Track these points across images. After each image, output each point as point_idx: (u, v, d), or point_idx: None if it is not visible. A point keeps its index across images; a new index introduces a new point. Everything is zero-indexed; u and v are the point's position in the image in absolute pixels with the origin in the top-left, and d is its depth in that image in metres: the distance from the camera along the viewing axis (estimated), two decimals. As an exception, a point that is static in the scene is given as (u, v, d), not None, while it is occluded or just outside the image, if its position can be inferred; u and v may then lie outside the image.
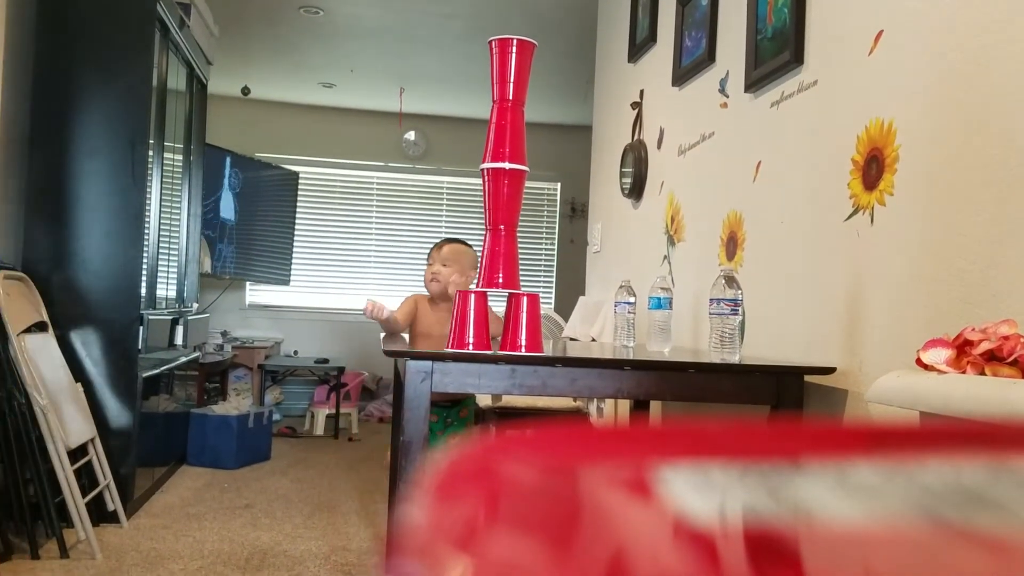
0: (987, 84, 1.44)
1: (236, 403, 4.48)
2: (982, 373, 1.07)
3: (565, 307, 4.48)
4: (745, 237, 2.32)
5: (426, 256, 2.87)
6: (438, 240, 2.89)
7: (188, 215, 4.16)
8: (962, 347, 1.12)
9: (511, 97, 1.83)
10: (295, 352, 6.32)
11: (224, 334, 5.91)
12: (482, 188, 1.87)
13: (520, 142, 1.84)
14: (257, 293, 6.65)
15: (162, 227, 3.61)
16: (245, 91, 6.08)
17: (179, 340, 3.90)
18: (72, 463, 2.77)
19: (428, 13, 4.57)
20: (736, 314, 1.79)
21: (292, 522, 3.26)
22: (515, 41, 1.82)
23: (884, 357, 1.67)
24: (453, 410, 2.80)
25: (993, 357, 1.08)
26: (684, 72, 2.79)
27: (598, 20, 4.07)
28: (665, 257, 2.92)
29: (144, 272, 3.29)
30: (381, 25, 4.80)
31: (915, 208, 1.60)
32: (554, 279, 7.06)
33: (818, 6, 2.01)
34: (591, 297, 3.78)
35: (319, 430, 5.38)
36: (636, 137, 3.30)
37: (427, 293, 2.79)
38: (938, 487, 0.27)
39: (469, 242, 2.88)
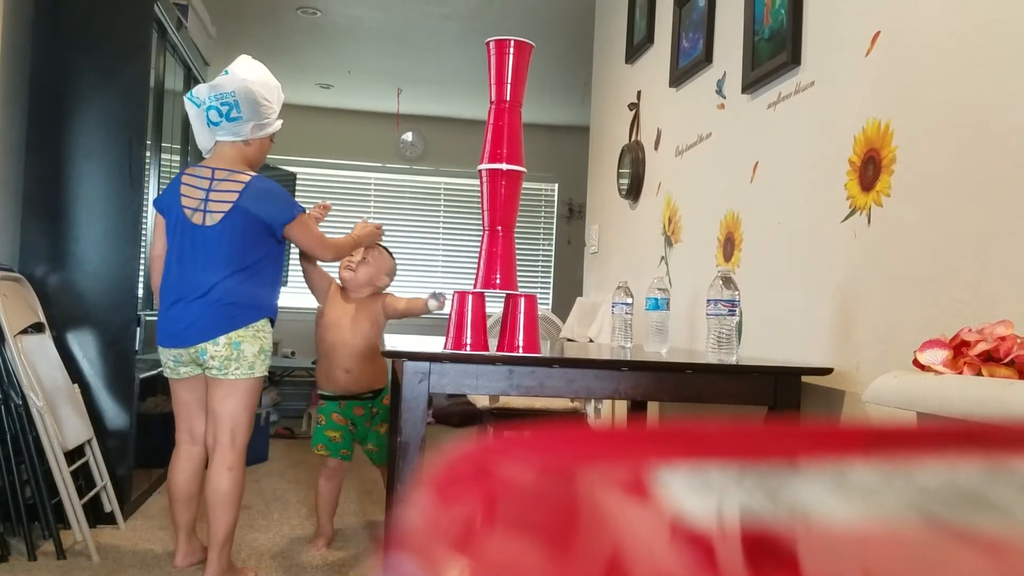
0: (984, 85, 1.44)
1: (233, 404, 4.47)
2: (979, 374, 1.07)
3: (563, 308, 4.48)
4: (742, 238, 2.32)
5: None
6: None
7: (185, 216, 4.15)
8: (959, 348, 1.12)
9: (508, 98, 1.83)
10: (292, 353, 6.32)
11: (221, 335, 5.89)
12: (479, 189, 1.87)
13: (517, 143, 1.84)
14: (254, 294, 6.64)
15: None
16: (242, 92, 6.07)
17: (176, 341, 3.89)
18: (69, 464, 2.76)
19: (426, 14, 4.58)
20: (733, 315, 1.79)
21: (289, 523, 3.25)
22: (512, 42, 1.82)
23: (881, 358, 1.67)
24: (376, 400, 2.84)
25: (990, 358, 1.08)
26: (681, 73, 2.79)
27: (595, 21, 4.08)
28: (662, 258, 2.92)
29: (141, 273, 3.29)
30: (379, 26, 4.80)
31: (912, 209, 1.61)
32: (552, 280, 7.06)
33: (815, 7, 2.01)
34: (588, 298, 3.78)
35: (316, 431, 5.37)
36: (633, 138, 3.31)
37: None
38: (935, 488, 0.27)
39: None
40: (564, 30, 4.65)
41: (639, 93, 3.28)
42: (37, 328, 2.95)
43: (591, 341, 3.23)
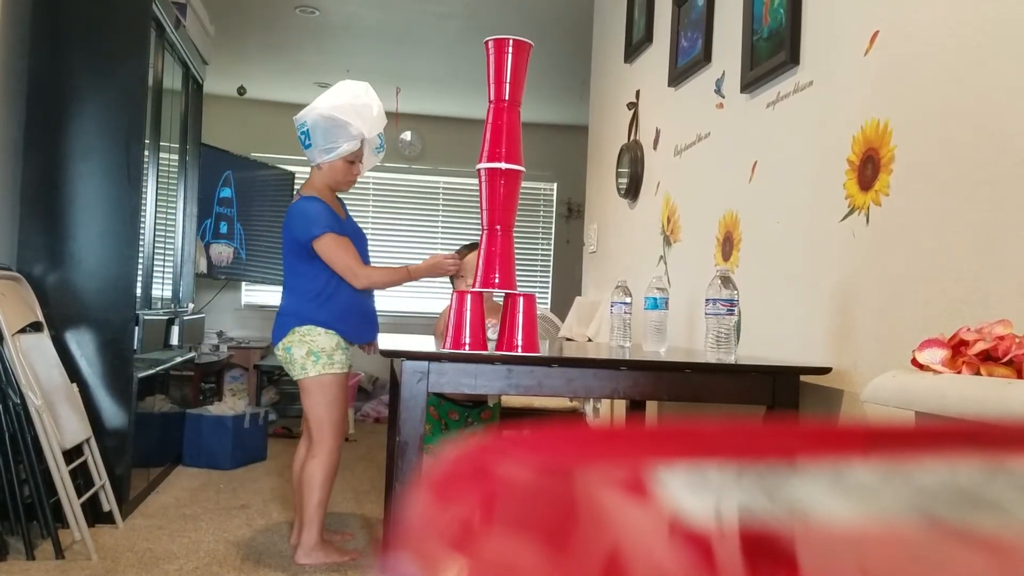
0: (982, 84, 1.44)
1: (232, 403, 4.48)
2: (977, 373, 1.07)
3: (561, 307, 4.48)
4: (741, 237, 2.32)
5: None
6: (465, 244, 2.94)
7: (183, 215, 4.15)
8: (957, 347, 1.12)
9: (507, 97, 1.83)
10: (291, 352, 6.31)
11: (220, 334, 5.90)
12: (478, 188, 1.87)
13: (516, 142, 1.84)
14: (253, 293, 6.64)
15: (157, 227, 3.60)
16: (241, 91, 6.07)
17: (175, 340, 3.89)
18: (67, 464, 2.76)
19: (424, 13, 4.57)
20: (732, 314, 1.79)
21: (288, 522, 3.25)
22: (511, 41, 1.82)
23: (879, 357, 1.67)
24: (475, 411, 2.80)
25: (988, 357, 1.08)
26: (680, 72, 2.79)
27: (594, 20, 4.08)
28: (661, 257, 2.92)
29: (139, 272, 3.28)
30: (377, 25, 4.79)
31: (911, 208, 1.61)
32: (550, 279, 7.06)
33: (814, 7, 2.01)
34: (587, 297, 3.78)
35: (315, 430, 5.37)
36: (632, 137, 3.31)
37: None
38: (934, 487, 0.27)
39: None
40: (563, 29, 4.65)
41: (638, 92, 3.28)
42: (35, 327, 2.95)
43: (590, 340, 3.23)
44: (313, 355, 2.74)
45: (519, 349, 1.79)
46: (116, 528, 3.04)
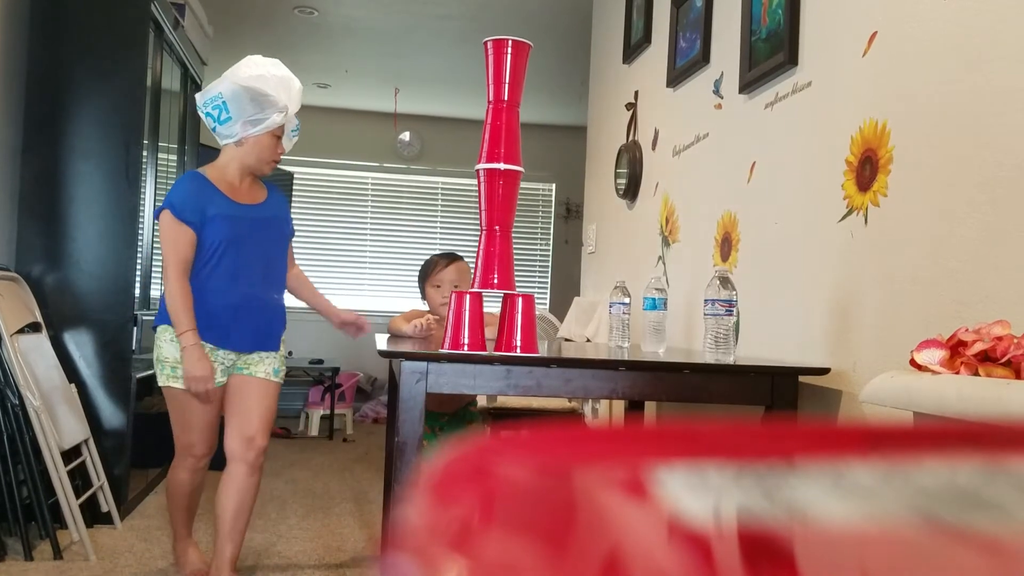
0: (980, 85, 1.45)
1: (230, 404, 4.46)
2: (976, 374, 1.07)
3: (560, 308, 4.48)
4: (739, 238, 2.32)
5: (421, 271, 2.67)
6: (440, 252, 2.72)
7: (182, 216, 4.14)
8: (956, 348, 1.12)
9: (506, 98, 1.83)
10: (289, 353, 6.30)
11: (218, 335, 5.88)
12: (477, 189, 1.87)
13: (515, 143, 1.84)
14: (251, 294, 6.63)
15: (156, 228, 3.60)
16: (240, 91, 6.06)
17: (173, 341, 3.88)
18: (66, 464, 2.76)
19: (423, 14, 4.57)
20: (731, 315, 1.80)
21: (286, 523, 3.25)
22: (510, 42, 1.82)
23: (878, 358, 1.67)
24: (458, 419, 2.70)
25: (987, 358, 1.08)
26: (679, 73, 2.79)
27: (593, 21, 4.08)
28: (660, 258, 2.92)
29: (138, 273, 3.28)
30: (376, 25, 4.79)
31: (909, 209, 1.61)
32: (549, 280, 7.06)
33: (812, 7, 2.02)
34: (586, 298, 3.78)
35: (313, 431, 5.38)
36: (631, 138, 3.31)
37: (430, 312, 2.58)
38: (933, 488, 0.27)
39: (463, 251, 2.78)
40: (562, 30, 4.65)
41: (636, 93, 3.28)
42: (34, 328, 2.95)
43: (588, 341, 3.23)
44: (160, 363, 2.39)
45: (518, 350, 1.79)
46: (114, 529, 3.03)
